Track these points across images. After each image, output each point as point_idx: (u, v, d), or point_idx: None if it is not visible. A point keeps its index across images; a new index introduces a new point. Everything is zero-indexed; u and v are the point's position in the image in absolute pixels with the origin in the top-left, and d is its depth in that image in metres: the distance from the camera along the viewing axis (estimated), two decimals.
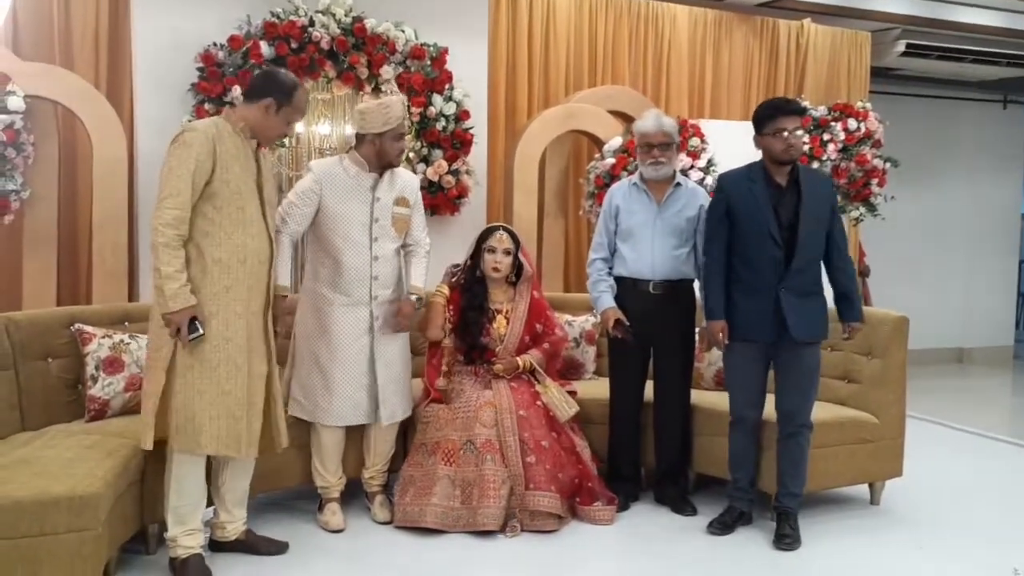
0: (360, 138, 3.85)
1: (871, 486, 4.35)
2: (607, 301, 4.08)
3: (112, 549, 3.17)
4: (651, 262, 4.07)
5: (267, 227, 3.38)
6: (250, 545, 3.56)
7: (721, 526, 3.90)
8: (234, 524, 3.54)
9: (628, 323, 4.02)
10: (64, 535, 2.82)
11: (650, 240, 4.07)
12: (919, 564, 3.66)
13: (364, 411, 3.85)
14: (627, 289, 4.11)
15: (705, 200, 4.14)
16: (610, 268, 4.17)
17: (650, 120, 4.12)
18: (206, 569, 3.32)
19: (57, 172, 4.77)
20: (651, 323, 4.05)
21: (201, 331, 3.15)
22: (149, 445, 3.23)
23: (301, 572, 3.45)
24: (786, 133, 3.66)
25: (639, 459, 4.30)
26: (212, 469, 3.48)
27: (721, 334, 3.77)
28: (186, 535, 3.32)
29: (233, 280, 3.24)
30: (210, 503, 3.52)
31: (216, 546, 3.56)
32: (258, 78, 3.51)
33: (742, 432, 3.92)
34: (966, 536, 3.97)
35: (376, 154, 3.82)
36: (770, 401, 3.89)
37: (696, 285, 4.16)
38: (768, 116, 3.74)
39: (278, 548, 3.60)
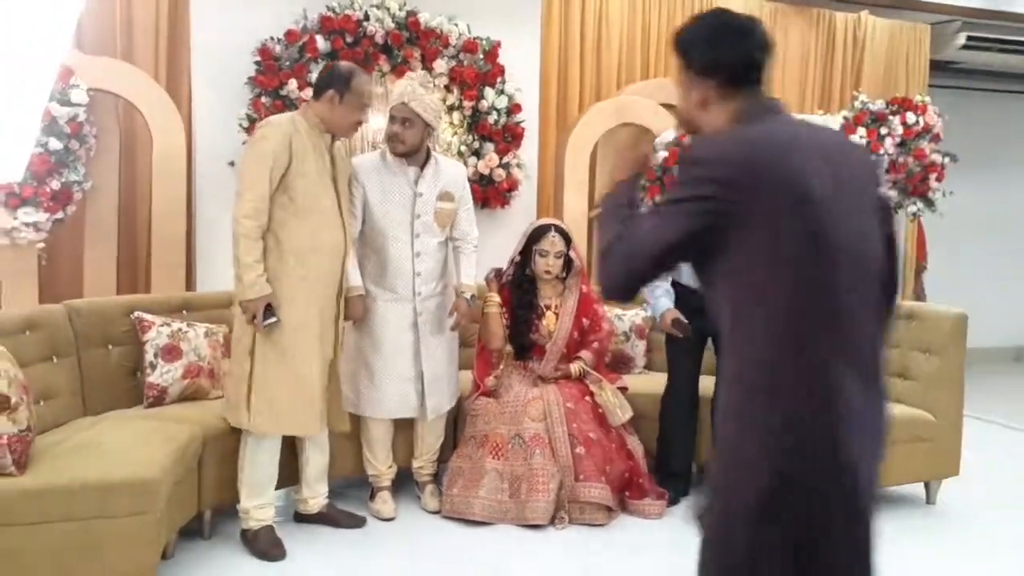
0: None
1: (927, 485, 4.29)
2: (665, 303, 4.12)
3: (170, 533, 3.25)
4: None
5: (343, 220, 3.49)
6: (330, 518, 3.77)
7: None
8: (315, 499, 3.75)
9: (686, 320, 4.04)
10: (125, 518, 2.89)
11: None
12: (975, 564, 3.61)
13: (410, 405, 3.88)
14: (683, 291, 4.14)
15: None
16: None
17: None
18: (277, 540, 3.50)
19: (118, 164, 4.87)
20: (708, 318, 4.03)
21: (276, 318, 3.30)
22: (245, 424, 3.39)
23: (352, 559, 3.49)
24: None
25: (692, 454, 4.28)
26: (296, 448, 3.67)
27: None
28: (258, 508, 3.48)
29: (308, 269, 3.37)
30: (294, 480, 3.74)
31: (299, 518, 3.77)
32: (320, 74, 3.59)
33: None
34: (1021, 537, 3.90)
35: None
36: None
37: None
38: None
39: (356, 522, 3.80)
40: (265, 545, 3.44)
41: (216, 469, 3.53)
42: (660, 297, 4.15)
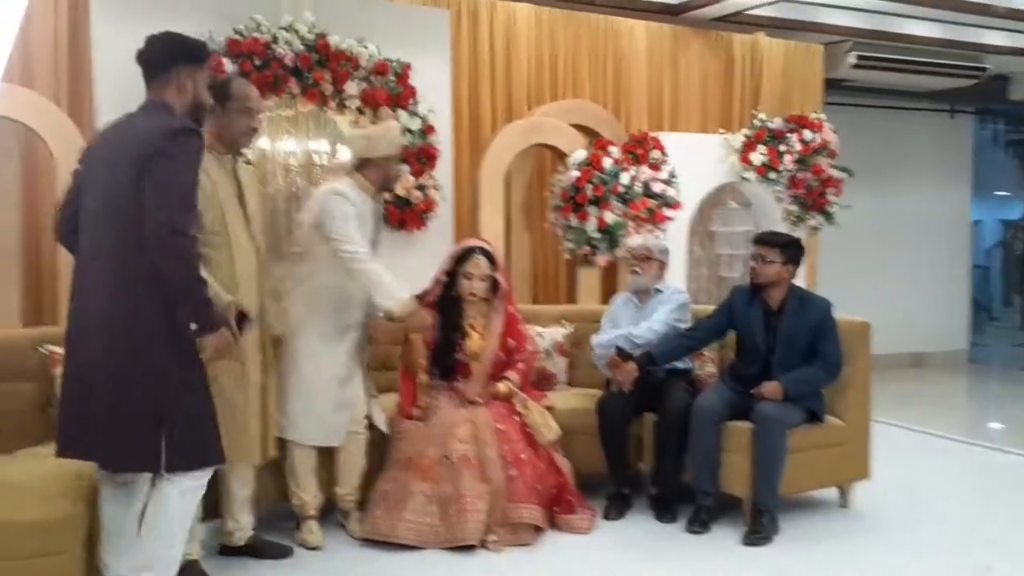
0: (366, 162, 3.91)
1: (840, 489, 4.43)
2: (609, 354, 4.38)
3: (90, 573, 3.11)
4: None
5: (254, 241, 3.43)
6: (257, 550, 3.69)
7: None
8: (241, 531, 3.66)
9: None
10: (39, 559, 2.79)
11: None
12: (891, 563, 3.74)
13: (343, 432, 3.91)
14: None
15: (679, 296, 4.53)
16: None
17: (637, 236, 4.90)
18: (204, 574, 3.38)
19: (20, 193, 4.70)
20: (650, 395, 4.35)
21: (248, 320, 3.21)
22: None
23: None
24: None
25: (628, 465, 4.37)
26: (218, 479, 3.53)
27: None
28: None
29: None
30: (220, 513, 3.65)
31: (226, 551, 3.67)
32: None
33: None
34: (934, 534, 4.08)
35: (383, 178, 3.94)
36: None
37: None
38: None
39: (283, 552, 3.74)
40: None
41: None
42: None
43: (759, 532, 3.91)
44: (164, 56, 3.00)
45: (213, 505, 3.61)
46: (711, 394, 4.22)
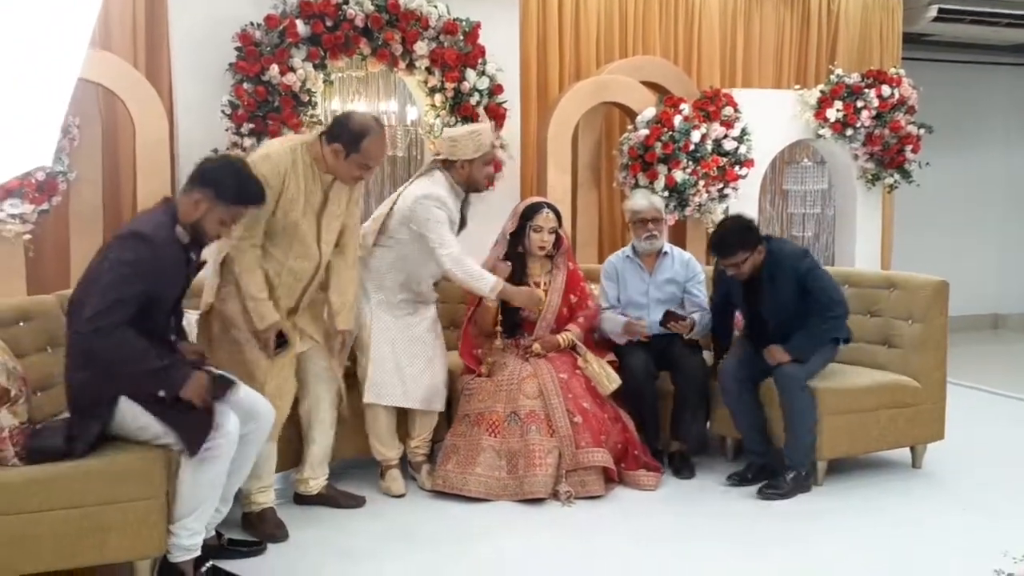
0: (450, 164, 3.98)
1: (913, 450, 4.37)
2: (620, 319, 4.33)
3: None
4: (650, 324, 4.29)
5: (320, 253, 3.53)
6: (331, 499, 3.81)
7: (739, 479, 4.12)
8: (317, 480, 3.79)
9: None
10: (132, 503, 2.92)
11: (647, 307, 4.36)
12: (963, 525, 3.70)
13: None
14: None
15: (697, 265, 4.45)
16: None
17: (641, 199, 4.50)
18: (279, 521, 3.53)
19: (100, 154, 4.85)
20: (655, 353, 4.34)
21: (287, 345, 3.40)
22: None
23: (354, 538, 3.53)
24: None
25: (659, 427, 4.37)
26: (300, 430, 3.73)
27: None
28: (259, 491, 3.51)
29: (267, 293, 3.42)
30: (294, 463, 3.79)
31: (300, 500, 3.80)
32: (339, 118, 3.59)
33: None
34: (1008, 497, 4.01)
35: (466, 179, 4.00)
36: None
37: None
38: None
39: (356, 502, 3.85)
40: (268, 527, 3.48)
41: None
42: (618, 316, 4.36)
43: (776, 488, 3.93)
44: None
45: (295, 455, 3.76)
46: (732, 359, 4.20)
